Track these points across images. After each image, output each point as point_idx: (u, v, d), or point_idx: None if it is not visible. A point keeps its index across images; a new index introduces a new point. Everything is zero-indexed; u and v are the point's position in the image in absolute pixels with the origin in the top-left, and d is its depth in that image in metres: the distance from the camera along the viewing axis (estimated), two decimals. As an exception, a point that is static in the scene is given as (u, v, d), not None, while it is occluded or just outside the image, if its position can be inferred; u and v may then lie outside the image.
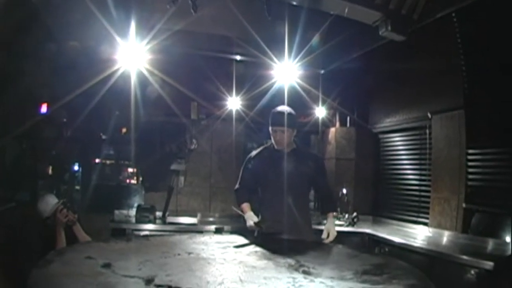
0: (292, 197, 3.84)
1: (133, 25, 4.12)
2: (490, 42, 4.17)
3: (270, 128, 3.93)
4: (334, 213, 4.28)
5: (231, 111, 6.19)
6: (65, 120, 5.51)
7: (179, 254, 2.74)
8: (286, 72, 5.11)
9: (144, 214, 5.43)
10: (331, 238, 3.80)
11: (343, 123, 6.67)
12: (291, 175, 3.85)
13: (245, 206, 3.88)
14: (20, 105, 4.39)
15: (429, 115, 5.03)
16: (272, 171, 3.92)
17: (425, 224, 5.07)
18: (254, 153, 4.13)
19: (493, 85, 4.17)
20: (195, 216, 5.89)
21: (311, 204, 5.22)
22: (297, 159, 3.94)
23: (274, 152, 3.99)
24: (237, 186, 4.07)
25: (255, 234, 3.69)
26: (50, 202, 3.78)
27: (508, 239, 3.94)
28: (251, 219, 3.71)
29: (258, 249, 3.02)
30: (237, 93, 6.00)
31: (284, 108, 3.93)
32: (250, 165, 4.04)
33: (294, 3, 4.20)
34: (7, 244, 3.64)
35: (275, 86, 5.33)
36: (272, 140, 3.95)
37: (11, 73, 4.06)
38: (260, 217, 3.75)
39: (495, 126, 4.18)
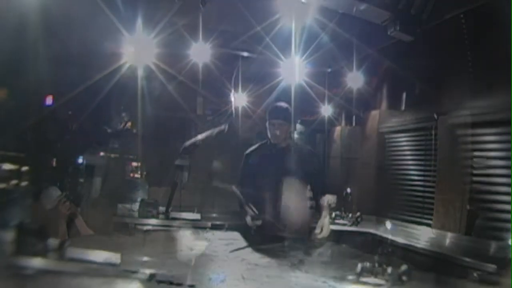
0: (290, 192, 3.83)
1: (139, 19, 4.12)
2: (498, 43, 4.14)
3: (267, 123, 3.94)
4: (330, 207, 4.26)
5: (237, 107, 6.18)
6: (70, 113, 5.51)
7: (181, 250, 2.73)
8: (293, 69, 5.10)
9: (148, 208, 5.41)
10: (324, 233, 3.71)
11: (349, 122, 6.64)
12: (288, 169, 3.85)
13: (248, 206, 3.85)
14: (26, 97, 4.39)
15: (435, 116, 5.00)
16: (269, 166, 3.91)
17: (428, 225, 5.05)
18: (250, 149, 4.12)
19: (500, 87, 4.14)
20: (198, 212, 5.88)
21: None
22: (293, 153, 3.95)
23: (270, 147, 4.00)
24: (237, 186, 4.04)
25: (252, 232, 3.68)
26: (53, 194, 3.78)
27: (511, 242, 3.93)
28: (250, 216, 3.68)
29: (260, 246, 3.01)
30: (244, 90, 5.99)
31: (282, 103, 3.97)
32: (247, 161, 4.04)
33: (303, 0, 4.19)
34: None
35: (282, 84, 5.33)
36: (269, 135, 3.96)
37: (18, 65, 4.07)
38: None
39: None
